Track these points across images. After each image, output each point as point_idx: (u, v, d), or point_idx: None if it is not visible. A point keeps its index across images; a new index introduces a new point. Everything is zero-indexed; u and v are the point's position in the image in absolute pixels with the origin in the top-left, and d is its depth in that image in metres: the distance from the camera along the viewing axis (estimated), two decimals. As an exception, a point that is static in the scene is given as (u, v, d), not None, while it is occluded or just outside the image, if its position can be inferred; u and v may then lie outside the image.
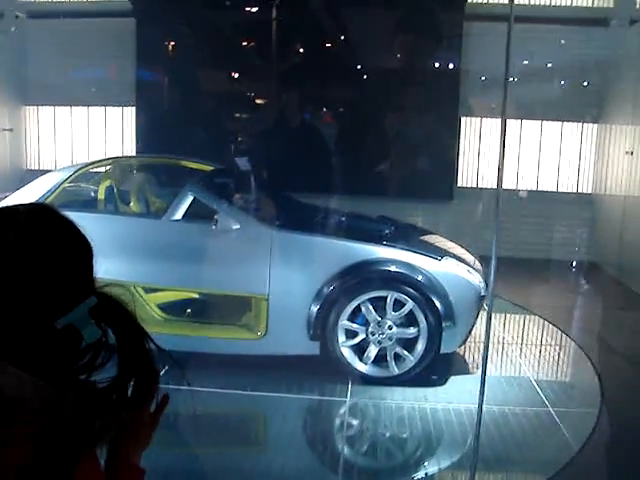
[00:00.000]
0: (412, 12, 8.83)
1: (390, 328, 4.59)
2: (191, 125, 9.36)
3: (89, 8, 9.42)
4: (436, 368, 4.79)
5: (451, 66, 8.95)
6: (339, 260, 4.60)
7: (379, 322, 4.59)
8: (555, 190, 9.07)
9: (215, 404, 4.41)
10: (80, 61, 9.07)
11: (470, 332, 4.83)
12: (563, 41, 8.69)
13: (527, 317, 6.58)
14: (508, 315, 6.62)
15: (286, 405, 4.41)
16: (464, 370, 5.13)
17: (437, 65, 9.10)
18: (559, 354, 5.78)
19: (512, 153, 9.03)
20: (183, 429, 4.00)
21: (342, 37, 9.29)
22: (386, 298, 4.58)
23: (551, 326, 6.20)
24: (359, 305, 4.59)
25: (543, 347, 5.90)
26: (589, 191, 9.07)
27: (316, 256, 4.68)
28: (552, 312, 6.48)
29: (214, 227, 4.67)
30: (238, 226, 4.66)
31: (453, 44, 8.85)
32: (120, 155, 8.94)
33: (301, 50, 9.40)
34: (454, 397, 4.50)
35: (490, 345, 5.63)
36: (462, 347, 5.22)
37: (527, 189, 9.04)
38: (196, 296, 5.21)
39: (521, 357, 5.52)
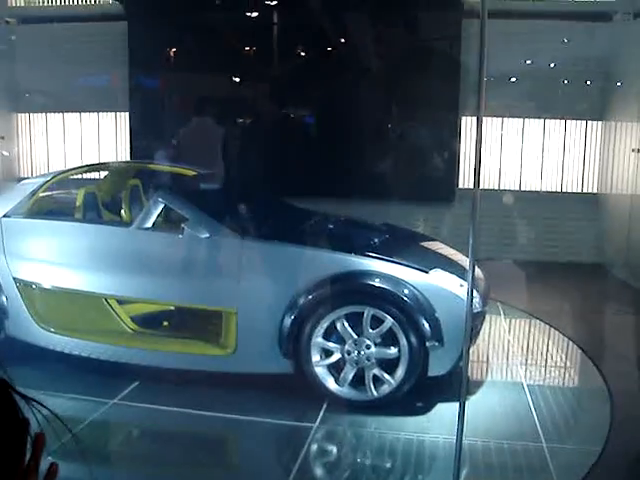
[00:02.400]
0: (410, 12, 8.66)
1: (368, 347, 4.17)
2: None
3: (80, 12, 9.28)
4: (425, 392, 4.31)
5: (451, 65, 8.73)
6: (314, 272, 4.23)
7: (356, 341, 4.17)
8: (559, 190, 8.85)
9: (169, 424, 4.13)
10: (72, 67, 8.90)
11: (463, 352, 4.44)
12: (565, 38, 8.47)
13: (531, 323, 6.34)
14: (511, 321, 6.39)
15: (244, 429, 4.04)
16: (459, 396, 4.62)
17: (437, 65, 8.88)
18: (565, 367, 5.46)
19: (514, 153, 8.83)
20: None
21: (340, 39, 9.10)
22: (363, 314, 4.17)
23: (557, 333, 5.95)
24: (334, 322, 4.20)
25: (548, 357, 5.59)
26: (594, 190, 8.84)
27: (289, 268, 4.34)
28: (556, 317, 6.24)
29: (180, 236, 4.42)
30: (207, 235, 4.35)
31: (452, 43, 8.64)
32: (112, 161, 8.77)
33: (299, 53, 9.21)
34: (435, 428, 3.98)
35: (492, 355, 5.44)
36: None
37: (530, 190, 8.82)
38: (171, 308, 4.93)
39: (524, 371, 5.11)
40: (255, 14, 9.08)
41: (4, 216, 4.83)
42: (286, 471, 3.54)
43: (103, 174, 6.27)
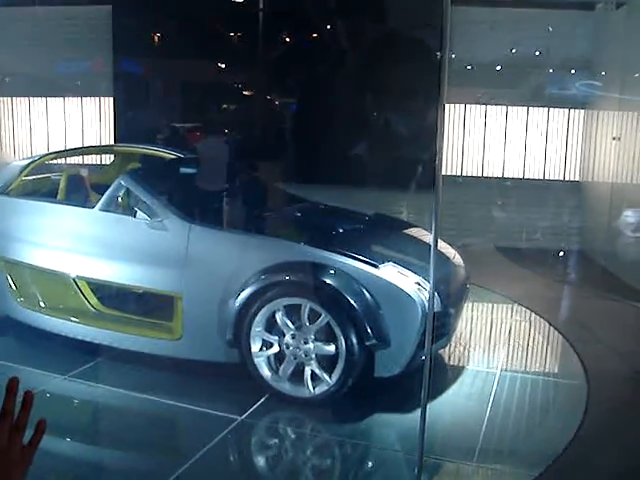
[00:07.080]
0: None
1: (306, 342, 4.01)
2: (170, 115, 9.19)
3: (64, -5, 9.18)
4: (371, 396, 4.10)
5: (434, 53, 8.75)
6: (258, 261, 4.14)
7: (294, 334, 4.04)
8: (542, 178, 8.93)
9: (105, 402, 4.25)
10: (55, 51, 8.84)
11: (415, 356, 3.90)
12: (550, 26, 8.52)
13: (513, 308, 6.42)
14: (492, 306, 6.48)
15: (166, 413, 4.07)
16: (410, 404, 3.95)
17: (420, 52, 8.89)
18: (545, 353, 5.50)
19: (498, 140, 8.89)
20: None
21: (325, 25, 9.10)
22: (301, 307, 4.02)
23: (537, 318, 6.03)
24: (274, 313, 4.08)
25: (529, 345, 5.62)
26: (576, 178, 8.93)
27: (234, 255, 4.29)
28: (537, 303, 6.33)
29: (133, 219, 4.47)
30: (159, 219, 4.38)
31: (435, 31, 8.65)
32: (95, 145, 8.74)
33: (285, 39, 9.20)
34: (366, 438, 3.80)
35: (470, 344, 5.50)
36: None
37: (512, 177, 8.90)
38: (131, 290, 4.89)
39: (497, 361, 5.18)
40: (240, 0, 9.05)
41: None
42: (186, 458, 3.49)
43: (89, 157, 6.27)
